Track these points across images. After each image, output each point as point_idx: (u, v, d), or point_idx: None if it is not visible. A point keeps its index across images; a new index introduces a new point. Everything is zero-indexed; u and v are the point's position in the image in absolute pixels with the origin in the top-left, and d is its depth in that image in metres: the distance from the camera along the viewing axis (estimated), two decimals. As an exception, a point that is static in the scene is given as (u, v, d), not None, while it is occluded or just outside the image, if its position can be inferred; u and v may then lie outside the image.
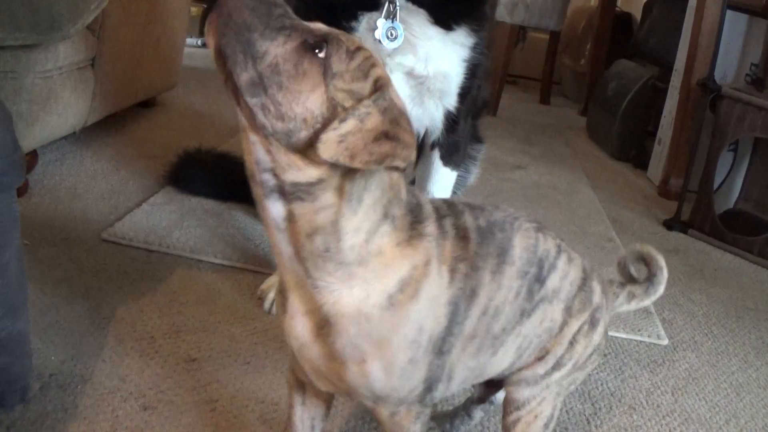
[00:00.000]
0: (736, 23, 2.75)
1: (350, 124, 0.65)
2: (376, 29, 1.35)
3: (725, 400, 1.46)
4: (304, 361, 0.79)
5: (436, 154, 1.56)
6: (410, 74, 1.43)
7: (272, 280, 1.55)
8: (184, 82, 3.14)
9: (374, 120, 0.66)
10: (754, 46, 2.79)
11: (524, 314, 0.87)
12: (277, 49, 0.67)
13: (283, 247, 0.73)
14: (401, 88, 1.45)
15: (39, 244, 1.61)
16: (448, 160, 1.56)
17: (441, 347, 0.78)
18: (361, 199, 0.71)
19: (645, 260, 1.10)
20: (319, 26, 0.71)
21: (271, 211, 0.71)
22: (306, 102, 0.66)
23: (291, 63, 0.66)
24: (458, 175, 1.63)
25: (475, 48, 1.45)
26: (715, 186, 2.57)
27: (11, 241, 0.93)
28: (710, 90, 2.48)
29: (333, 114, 0.67)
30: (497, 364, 0.89)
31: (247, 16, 0.67)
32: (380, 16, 1.35)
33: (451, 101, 1.50)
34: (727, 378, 1.55)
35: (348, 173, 0.69)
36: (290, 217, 0.71)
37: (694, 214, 2.50)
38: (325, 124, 0.66)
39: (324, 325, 0.74)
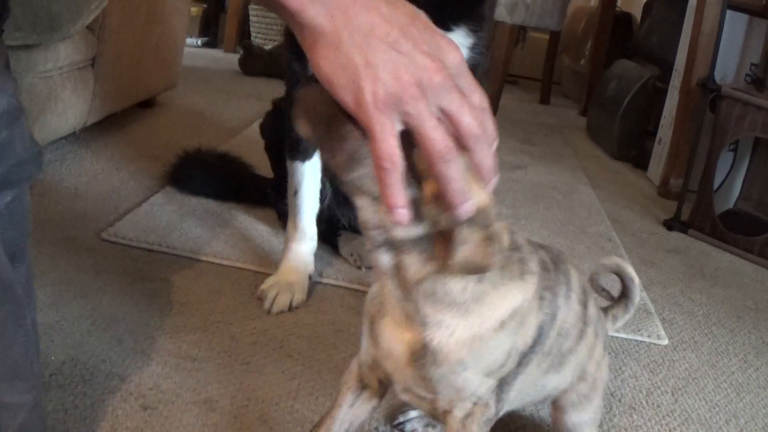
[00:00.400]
0: (736, 23, 2.75)
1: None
2: None
3: (725, 400, 1.46)
4: (397, 381, 0.88)
5: (436, 154, 1.55)
6: None
7: (272, 280, 1.55)
8: (184, 82, 3.14)
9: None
10: (754, 46, 2.79)
11: (581, 336, 0.98)
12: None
13: (392, 289, 0.80)
14: None
15: (39, 243, 1.61)
16: (448, 160, 1.56)
17: (522, 360, 0.88)
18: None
19: (616, 273, 1.18)
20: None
21: (381, 261, 0.78)
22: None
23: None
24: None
25: (473, 48, 1.45)
26: (715, 186, 2.57)
27: (29, 230, 0.97)
28: (710, 90, 2.48)
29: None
30: (558, 382, 1.00)
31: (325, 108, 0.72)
32: None
33: None
34: (727, 378, 1.55)
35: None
36: (400, 266, 0.77)
37: (694, 214, 2.50)
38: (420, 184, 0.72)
39: (424, 354, 0.81)
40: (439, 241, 0.74)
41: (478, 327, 0.80)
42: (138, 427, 1.10)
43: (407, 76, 0.67)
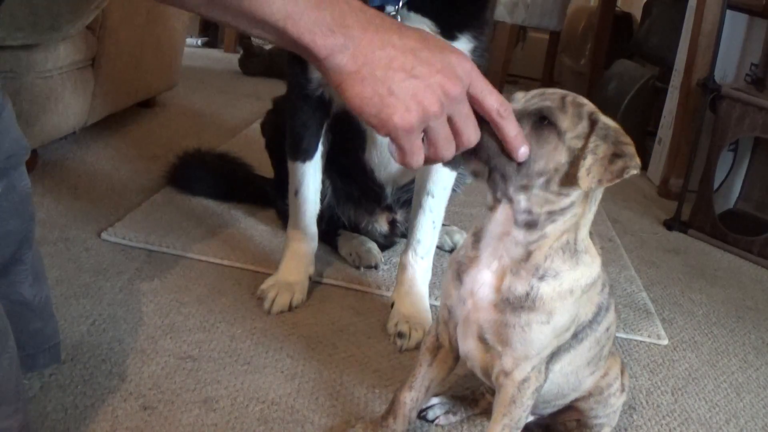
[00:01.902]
0: (736, 23, 2.75)
1: (589, 159, 0.88)
2: None
3: (725, 400, 1.46)
4: (470, 323, 0.99)
5: (436, 154, 1.55)
6: None
7: (272, 280, 1.55)
8: (184, 82, 3.15)
9: (603, 148, 0.89)
10: (754, 46, 2.79)
11: (610, 341, 1.10)
12: None
13: (512, 252, 0.94)
14: None
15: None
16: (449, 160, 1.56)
17: (578, 334, 1.00)
18: (596, 199, 0.97)
19: None
20: (523, 101, 0.93)
21: (516, 236, 0.93)
22: (555, 158, 0.90)
23: (534, 141, 0.89)
24: (458, 174, 1.63)
25: (474, 51, 1.45)
26: (715, 186, 2.57)
27: (32, 214, 1.01)
28: (710, 90, 2.48)
29: (572, 156, 0.90)
30: (589, 383, 1.10)
31: (494, 142, 0.89)
32: None
33: None
34: (727, 378, 1.55)
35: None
36: (540, 238, 0.93)
37: (694, 214, 2.50)
38: (571, 165, 0.89)
39: (519, 300, 0.94)
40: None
41: (575, 282, 0.95)
42: (138, 427, 1.10)
43: (427, 97, 0.80)
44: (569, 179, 0.90)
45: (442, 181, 1.57)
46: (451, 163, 1.57)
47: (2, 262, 0.98)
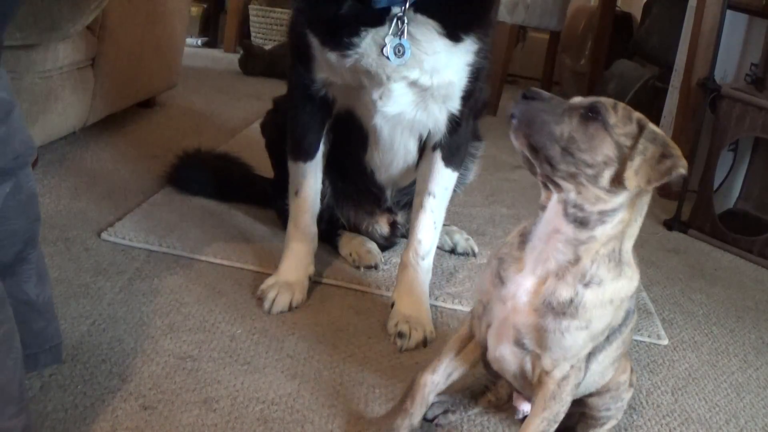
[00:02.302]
0: (736, 23, 2.74)
1: (637, 160, 0.91)
2: (384, 46, 1.35)
3: (725, 400, 1.46)
4: (507, 326, 1.01)
5: (437, 155, 1.56)
6: (414, 84, 1.43)
7: (272, 280, 1.55)
8: (184, 82, 3.14)
9: (651, 150, 0.92)
10: (754, 46, 2.78)
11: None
12: (567, 127, 0.93)
13: (560, 255, 0.97)
14: (404, 96, 1.45)
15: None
16: (450, 161, 1.56)
17: (609, 337, 1.04)
18: (643, 211, 0.99)
19: None
20: (579, 100, 0.97)
21: (566, 232, 0.96)
22: (603, 151, 0.92)
23: (581, 132, 0.92)
24: (458, 174, 1.63)
25: (479, 53, 1.46)
26: (715, 186, 2.57)
27: (37, 214, 1.02)
28: (710, 90, 2.48)
29: (621, 153, 0.92)
30: (607, 379, 1.13)
31: (539, 116, 0.93)
32: (387, 32, 1.35)
33: (455, 104, 1.50)
34: (727, 378, 1.55)
35: (640, 192, 0.95)
36: (589, 239, 0.96)
37: (694, 214, 2.50)
38: (620, 162, 0.92)
39: (561, 306, 0.96)
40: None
41: (617, 293, 0.98)
42: (138, 427, 1.10)
43: None
44: (618, 179, 0.92)
45: (443, 181, 1.57)
46: (453, 164, 1.57)
47: (8, 261, 0.99)
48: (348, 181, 1.74)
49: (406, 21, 1.34)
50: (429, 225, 1.56)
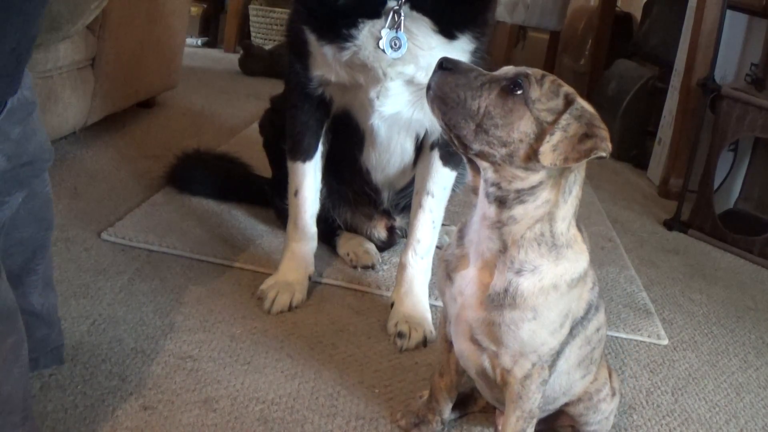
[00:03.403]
0: (736, 23, 2.74)
1: (558, 135, 0.86)
2: (380, 39, 1.35)
3: (725, 400, 1.46)
4: (461, 322, 0.99)
5: (435, 155, 1.55)
6: (411, 82, 1.43)
7: (272, 280, 1.55)
8: (184, 82, 3.14)
9: (574, 127, 0.87)
10: (754, 46, 2.78)
11: (601, 344, 1.10)
12: (485, 101, 0.89)
13: (490, 243, 0.94)
14: (401, 95, 1.45)
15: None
16: (448, 160, 1.56)
17: (572, 330, 0.99)
18: (571, 190, 0.92)
19: None
20: (505, 70, 0.92)
21: (489, 214, 0.93)
22: (519, 128, 0.87)
23: (499, 107, 0.88)
24: (458, 174, 1.63)
25: (475, 53, 1.45)
26: (715, 186, 2.57)
27: (50, 221, 1.04)
28: (710, 90, 2.48)
29: (540, 129, 0.87)
30: (579, 387, 1.09)
31: (455, 92, 0.89)
32: (383, 25, 1.35)
33: None
34: (727, 378, 1.55)
35: (563, 171, 0.90)
36: (509, 220, 0.91)
37: (694, 214, 2.50)
38: (537, 139, 0.87)
39: (502, 296, 0.93)
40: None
41: (559, 278, 0.93)
42: (138, 427, 1.10)
43: None
44: (534, 155, 0.87)
45: (441, 180, 1.57)
46: (451, 163, 1.57)
47: (16, 271, 0.98)
48: (343, 181, 1.74)
49: (402, 15, 1.34)
50: (428, 224, 1.56)
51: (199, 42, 4.58)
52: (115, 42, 2.18)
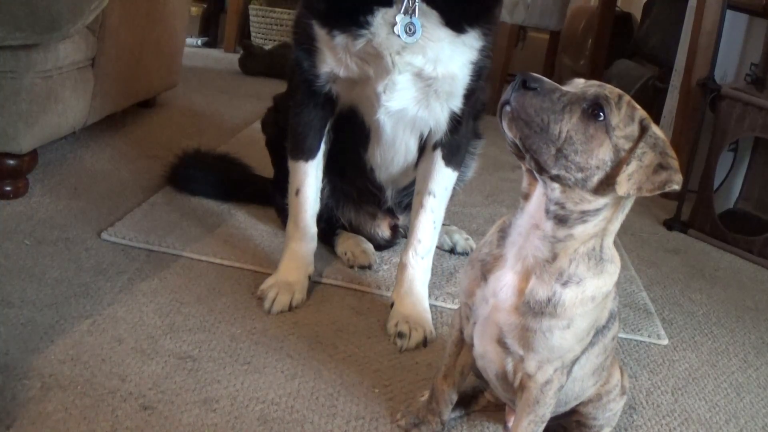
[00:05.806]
0: (736, 23, 2.75)
1: (634, 165, 0.87)
2: (395, 24, 1.36)
3: (725, 400, 1.46)
4: (490, 324, 0.99)
5: (438, 155, 1.56)
6: (419, 75, 1.43)
7: (272, 280, 1.55)
8: (184, 82, 3.14)
9: (649, 156, 0.88)
10: (754, 46, 2.78)
11: (612, 351, 1.11)
12: (566, 126, 0.88)
13: (537, 252, 0.94)
14: (408, 89, 1.46)
15: (39, 243, 1.61)
16: (450, 160, 1.56)
17: (593, 338, 1.00)
18: (626, 208, 0.95)
19: None
20: (582, 86, 0.91)
21: (545, 228, 0.93)
22: (598, 155, 0.88)
23: (581, 132, 0.87)
24: (458, 174, 1.63)
25: (482, 50, 1.46)
26: (715, 186, 2.57)
27: None
28: (710, 90, 2.48)
29: (618, 157, 0.88)
30: (591, 392, 1.10)
31: (539, 116, 0.87)
32: (397, 12, 1.36)
33: (457, 103, 1.50)
34: (727, 378, 1.55)
35: None
36: (567, 237, 0.92)
37: (694, 214, 2.50)
38: (614, 166, 0.88)
39: (540, 305, 0.94)
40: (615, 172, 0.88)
41: (598, 290, 0.94)
42: (138, 427, 1.10)
43: None
44: (608, 181, 0.88)
45: (443, 181, 1.57)
46: (453, 164, 1.57)
47: None
48: (347, 180, 1.74)
49: (417, 8, 1.36)
50: (428, 224, 1.56)
51: (199, 42, 4.58)
52: (115, 42, 2.17)
